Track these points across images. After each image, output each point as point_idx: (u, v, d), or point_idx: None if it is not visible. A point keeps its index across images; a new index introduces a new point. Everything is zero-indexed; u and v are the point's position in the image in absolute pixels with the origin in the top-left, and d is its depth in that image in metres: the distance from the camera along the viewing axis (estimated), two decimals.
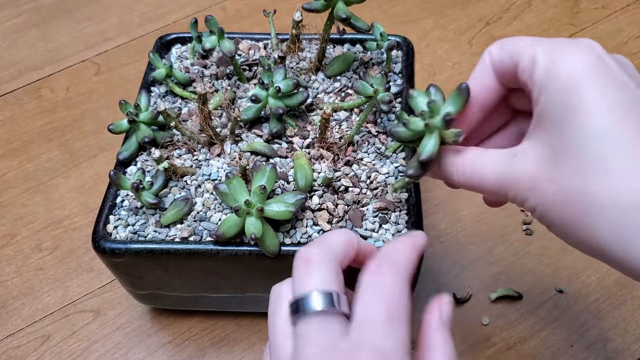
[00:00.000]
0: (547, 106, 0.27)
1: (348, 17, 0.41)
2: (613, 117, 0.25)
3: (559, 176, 0.26)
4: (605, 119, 0.25)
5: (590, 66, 0.26)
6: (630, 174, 0.24)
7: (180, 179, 0.40)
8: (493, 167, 0.29)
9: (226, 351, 0.46)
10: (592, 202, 0.25)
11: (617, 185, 0.25)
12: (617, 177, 0.25)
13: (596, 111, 0.25)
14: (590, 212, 0.25)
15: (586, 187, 0.25)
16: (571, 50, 0.27)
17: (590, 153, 0.25)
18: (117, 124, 0.41)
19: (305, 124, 0.44)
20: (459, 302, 0.48)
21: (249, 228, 0.35)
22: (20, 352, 0.46)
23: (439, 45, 0.69)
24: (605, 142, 0.25)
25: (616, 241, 0.25)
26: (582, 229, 0.26)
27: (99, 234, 0.38)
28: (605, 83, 0.26)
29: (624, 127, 0.25)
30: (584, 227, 0.26)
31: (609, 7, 0.72)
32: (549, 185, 0.27)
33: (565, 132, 0.26)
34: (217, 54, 0.49)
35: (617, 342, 0.45)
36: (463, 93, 0.30)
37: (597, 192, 0.25)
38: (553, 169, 0.27)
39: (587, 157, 0.25)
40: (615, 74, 0.26)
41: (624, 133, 0.25)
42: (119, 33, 0.72)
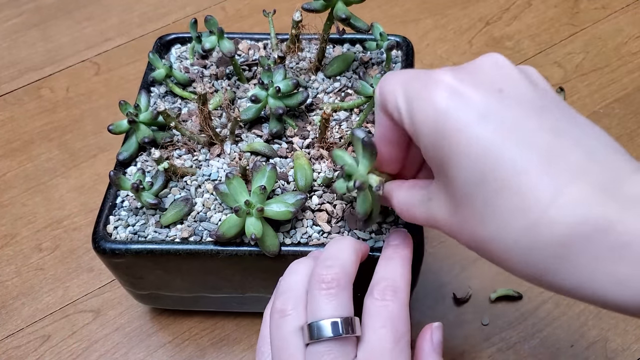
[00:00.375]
0: (427, 157, 0.27)
1: (348, 17, 0.41)
2: (484, 155, 0.23)
3: (463, 224, 0.26)
4: (477, 160, 0.24)
5: (446, 107, 0.24)
6: (518, 213, 0.23)
7: (180, 180, 0.40)
8: (418, 210, 0.29)
9: (226, 351, 0.46)
10: (497, 246, 0.24)
11: (510, 229, 0.23)
12: (506, 221, 0.23)
13: (467, 155, 0.24)
14: (501, 254, 0.25)
15: (487, 233, 0.24)
16: (425, 95, 0.25)
17: (477, 199, 0.24)
18: (117, 125, 0.41)
19: (305, 124, 0.44)
20: (459, 302, 0.48)
21: (249, 228, 0.35)
22: (20, 352, 0.46)
23: (439, 45, 0.69)
24: (484, 185, 0.24)
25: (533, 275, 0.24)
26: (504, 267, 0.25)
27: (99, 234, 0.38)
28: (466, 119, 0.24)
29: (498, 162, 0.23)
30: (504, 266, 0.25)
31: (609, 7, 0.72)
32: (460, 232, 0.27)
33: (450, 180, 0.25)
34: (216, 54, 0.49)
35: (617, 342, 0.45)
36: (367, 147, 0.30)
37: (497, 236, 0.24)
38: (457, 217, 0.26)
39: (475, 203, 0.24)
40: (474, 101, 0.24)
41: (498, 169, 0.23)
42: (119, 33, 0.72)
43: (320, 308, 0.28)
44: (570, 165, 0.22)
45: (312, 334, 0.28)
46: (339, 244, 0.32)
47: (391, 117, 0.29)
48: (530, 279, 0.25)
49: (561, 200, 0.22)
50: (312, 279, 0.30)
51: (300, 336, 0.29)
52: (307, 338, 0.28)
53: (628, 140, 0.58)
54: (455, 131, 0.24)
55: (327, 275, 0.29)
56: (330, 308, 0.28)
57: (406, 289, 0.30)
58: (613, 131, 0.59)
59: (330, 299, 0.28)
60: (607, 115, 0.60)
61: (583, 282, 0.22)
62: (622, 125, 0.59)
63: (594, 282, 0.22)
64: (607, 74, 0.64)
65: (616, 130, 0.59)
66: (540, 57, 0.67)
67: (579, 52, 0.67)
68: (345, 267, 0.30)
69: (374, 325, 0.29)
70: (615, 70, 0.65)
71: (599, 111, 0.61)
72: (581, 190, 0.22)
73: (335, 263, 0.30)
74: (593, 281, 0.22)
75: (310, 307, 0.29)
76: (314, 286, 0.29)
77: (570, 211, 0.22)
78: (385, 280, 0.30)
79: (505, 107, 0.24)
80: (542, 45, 0.68)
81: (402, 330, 0.29)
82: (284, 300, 0.30)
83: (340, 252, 0.31)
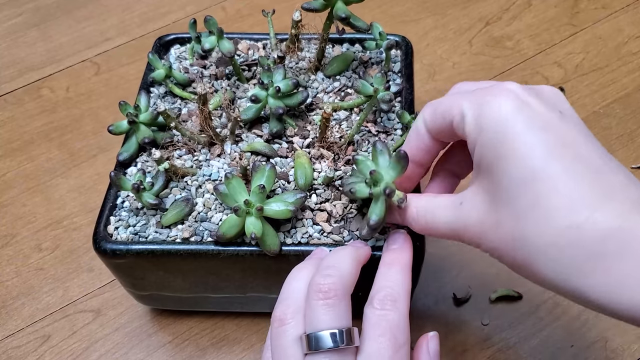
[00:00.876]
0: (481, 156, 0.28)
1: (347, 16, 0.41)
2: (538, 160, 0.26)
3: (499, 222, 0.27)
4: (532, 162, 0.26)
5: (512, 112, 0.27)
6: (559, 212, 0.25)
7: (180, 180, 0.40)
8: (444, 215, 0.31)
9: (226, 351, 0.46)
10: (531, 246, 0.26)
11: (550, 226, 0.25)
12: (548, 218, 0.25)
13: (523, 156, 0.26)
14: (531, 255, 0.26)
15: (524, 231, 0.26)
16: (493, 100, 0.28)
17: (523, 198, 0.26)
18: (116, 125, 0.41)
19: (305, 124, 0.44)
20: (459, 302, 0.48)
21: (249, 228, 0.35)
22: (20, 352, 0.46)
23: (439, 45, 0.69)
24: (534, 185, 0.26)
25: (561, 278, 0.25)
26: (530, 270, 0.27)
27: (99, 235, 0.38)
28: (529, 125, 0.27)
29: (550, 168, 0.26)
30: (531, 268, 0.27)
31: (609, 7, 0.72)
32: (493, 231, 0.28)
33: (498, 179, 0.27)
34: (216, 54, 0.49)
35: (617, 342, 0.45)
36: (402, 160, 0.32)
37: (534, 235, 0.26)
38: (494, 215, 0.28)
39: (520, 202, 0.26)
40: (539, 112, 0.27)
41: (549, 174, 0.26)
42: (119, 33, 0.72)
43: (318, 318, 0.29)
44: (614, 184, 0.26)
45: (311, 344, 0.28)
46: (339, 253, 0.32)
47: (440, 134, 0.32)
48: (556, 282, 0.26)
49: (605, 207, 0.25)
50: (310, 288, 0.30)
51: (299, 345, 0.29)
52: (306, 348, 0.28)
53: (628, 140, 0.58)
54: (517, 134, 0.27)
55: (325, 285, 0.29)
56: (329, 319, 0.28)
57: (406, 298, 0.31)
58: (613, 131, 0.59)
59: (328, 310, 0.29)
60: (607, 115, 0.60)
61: (611, 285, 0.24)
62: (622, 125, 0.59)
63: (623, 285, 0.24)
64: (607, 74, 0.64)
65: (616, 130, 0.59)
66: (540, 57, 0.67)
67: (579, 52, 0.67)
68: (344, 277, 0.30)
69: (373, 335, 0.29)
70: (615, 70, 0.65)
71: (599, 111, 0.61)
72: (623, 203, 0.25)
73: (334, 272, 0.30)
74: (622, 284, 0.24)
75: (308, 317, 0.29)
76: (312, 296, 0.29)
77: (612, 217, 0.24)
78: (385, 289, 0.31)
79: (564, 125, 0.27)
80: (542, 45, 0.68)
81: (401, 340, 0.29)
82: (284, 309, 0.31)
83: (339, 262, 0.31)
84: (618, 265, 0.24)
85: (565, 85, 0.63)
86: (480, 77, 0.65)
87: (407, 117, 0.41)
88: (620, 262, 0.24)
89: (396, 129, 0.43)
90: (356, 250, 0.33)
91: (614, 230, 0.24)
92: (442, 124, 0.31)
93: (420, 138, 0.33)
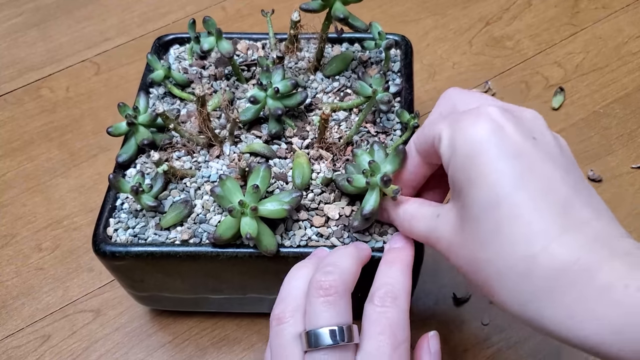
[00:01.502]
0: (453, 178, 0.29)
1: (346, 16, 0.41)
2: (507, 186, 0.26)
3: (464, 243, 0.28)
4: (499, 189, 0.26)
5: (486, 137, 0.27)
6: (520, 241, 0.25)
7: (179, 181, 0.41)
8: (422, 223, 0.32)
9: (226, 351, 0.46)
10: (491, 270, 0.26)
11: (510, 254, 0.26)
12: (509, 245, 0.26)
13: (491, 182, 0.26)
14: (491, 280, 0.27)
15: (485, 255, 0.27)
16: (469, 123, 0.28)
17: (487, 222, 0.26)
18: (115, 127, 0.41)
19: (304, 124, 0.44)
20: (459, 302, 0.48)
21: (244, 228, 0.35)
22: (20, 352, 0.47)
23: (439, 45, 0.69)
24: (499, 211, 0.26)
25: (518, 307, 0.26)
26: (490, 294, 0.27)
27: (99, 236, 0.38)
28: (500, 151, 0.27)
29: (515, 196, 0.26)
30: (491, 292, 0.27)
31: (609, 7, 0.71)
32: (459, 250, 0.29)
33: (467, 202, 0.28)
34: (215, 55, 0.49)
35: None
36: (400, 154, 0.34)
37: (494, 261, 0.26)
38: (460, 235, 0.28)
39: (484, 226, 0.27)
40: (512, 139, 0.27)
41: (516, 201, 0.26)
42: (119, 33, 0.72)
43: (318, 315, 0.29)
44: (579, 216, 0.26)
45: (311, 341, 0.28)
46: (340, 252, 0.32)
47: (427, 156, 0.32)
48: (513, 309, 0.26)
49: (564, 239, 0.25)
50: (310, 285, 0.30)
51: (298, 343, 0.29)
52: (305, 346, 0.28)
53: (628, 140, 0.58)
54: (487, 159, 0.27)
55: (326, 282, 0.29)
56: (329, 316, 0.29)
57: (406, 295, 0.31)
58: (613, 131, 0.59)
59: (328, 307, 0.29)
60: (607, 115, 0.60)
61: (564, 317, 0.24)
62: (622, 125, 0.59)
63: (574, 317, 0.24)
64: (607, 74, 0.64)
65: (616, 130, 0.59)
66: (540, 57, 0.66)
67: (579, 52, 0.67)
68: (344, 275, 0.30)
69: (373, 332, 0.29)
70: (615, 70, 0.65)
71: (599, 111, 0.61)
72: (584, 237, 0.25)
73: (334, 270, 0.30)
74: (573, 317, 0.24)
75: (308, 314, 0.29)
76: (312, 292, 0.29)
77: (569, 250, 0.24)
78: (386, 286, 0.31)
79: (537, 154, 0.27)
80: (542, 45, 0.68)
81: (401, 337, 0.29)
82: (283, 307, 0.31)
83: (340, 260, 0.31)
84: (568, 299, 0.24)
85: (565, 85, 0.63)
86: (480, 77, 0.65)
87: (407, 116, 0.41)
88: (570, 295, 0.24)
89: (395, 130, 0.43)
90: (357, 250, 0.33)
91: (568, 264, 0.24)
92: (427, 145, 0.32)
93: (410, 160, 0.34)
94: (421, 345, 0.32)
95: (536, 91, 0.63)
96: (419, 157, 0.33)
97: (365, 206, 0.34)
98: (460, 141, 0.28)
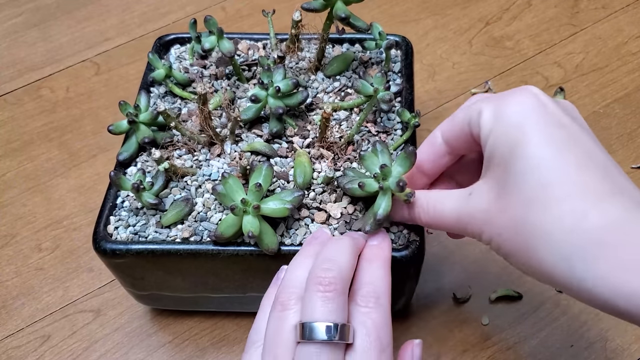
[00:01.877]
0: (494, 146, 0.30)
1: (347, 16, 0.41)
2: (551, 149, 0.27)
3: (506, 207, 0.28)
4: (544, 151, 0.27)
5: (531, 108, 0.29)
6: (569, 199, 0.26)
7: (180, 180, 0.40)
8: (452, 205, 0.32)
9: (226, 351, 0.46)
10: (536, 228, 0.27)
11: (558, 210, 0.26)
12: (557, 202, 0.26)
13: (536, 145, 0.28)
14: (535, 238, 0.27)
15: (530, 214, 0.27)
16: (514, 96, 0.30)
17: (532, 182, 0.27)
18: (116, 125, 0.41)
19: (305, 124, 0.44)
20: (459, 302, 0.48)
21: (246, 226, 0.35)
22: (20, 352, 0.46)
23: (439, 45, 0.69)
24: (544, 171, 0.27)
25: (561, 264, 0.26)
26: (531, 255, 0.28)
27: (99, 234, 0.38)
28: (544, 122, 0.28)
29: (562, 158, 0.27)
30: (532, 253, 0.27)
31: (609, 7, 0.72)
32: (499, 216, 0.29)
33: (510, 165, 0.28)
34: (216, 54, 0.49)
35: (617, 342, 0.45)
36: (411, 156, 0.34)
37: (539, 218, 0.27)
38: (501, 201, 0.29)
39: (529, 186, 0.27)
40: (555, 114, 0.29)
41: (561, 163, 0.27)
42: (119, 33, 0.72)
43: (315, 309, 0.29)
44: (620, 182, 0.27)
45: (304, 333, 0.28)
46: (338, 245, 0.32)
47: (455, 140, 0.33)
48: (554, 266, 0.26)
49: (612, 200, 0.26)
50: (309, 279, 0.30)
51: (294, 333, 0.29)
52: (299, 336, 0.29)
53: (628, 140, 0.58)
54: (534, 126, 0.28)
55: (325, 278, 0.29)
56: (326, 311, 0.29)
57: (387, 294, 0.31)
58: (613, 131, 0.59)
59: (326, 302, 0.29)
60: (607, 115, 0.60)
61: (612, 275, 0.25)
62: (622, 125, 0.59)
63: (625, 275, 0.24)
64: (607, 74, 0.64)
65: (616, 130, 0.59)
66: (540, 57, 0.67)
67: (579, 52, 0.67)
68: (343, 271, 0.30)
69: (360, 334, 0.29)
70: (615, 70, 0.65)
71: (599, 111, 0.61)
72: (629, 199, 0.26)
73: (333, 266, 0.30)
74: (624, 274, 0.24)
75: (305, 306, 0.29)
76: (311, 287, 0.30)
77: (618, 210, 0.26)
78: (367, 285, 0.31)
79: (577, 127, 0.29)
80: (542, 45, 0.68)
81: (385, 340, 0.30)
82: (288, 294, 0.31)
83: (339, 254, 0.31)
84: (620, 254, 0.25)
85: (565, 85, 0.63)
86: (480, 77, 0.65)
87: (407, 115, 0.41)
88: (622, 251, 0.24)
89: (396, 129, 0.43)
90: (354, 241, 0.34)
91: (619, 221, 0.25)
92: (460, 130, 0.33)
93: (433, 148, 0.35)
94: (405, 350, 0.33)
95: None
96: (444, 146, 0.34)
97: (379, 211, 0.34)
98: (507, 111, 0.29)
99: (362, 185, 0.34)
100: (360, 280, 0.32)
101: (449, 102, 0.63)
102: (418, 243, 0.37)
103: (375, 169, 0.34)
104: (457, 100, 0.63)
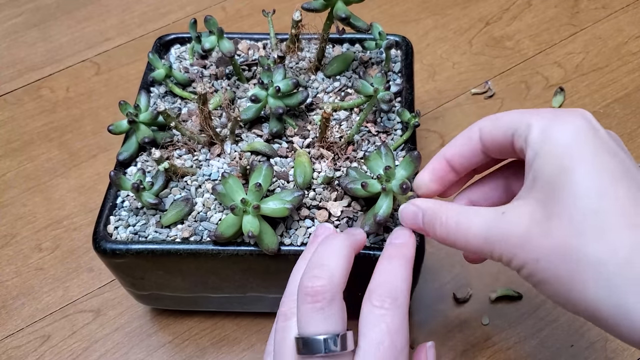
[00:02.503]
0: (541, 167, 0.28)
1: (347, 16, 0.41)
2: (605, 178, 0.26)
3: (551, 231, 0.26)
4: (598, 179, 0.26)
5: (583, 132, 0.28)
6: (624, 229, 0.25)
7: (180, 180, 0.40)
8: (480, 223, 0.29)
9: (226, 351, 0.46)
10: (587, 257, 0.25)
11: (612, 240, 0.25)
12: (611, 232, 0.25)
13: (589, 171, 0.26)
14: (581, 268, 0.25)
15: (580, 242, 0.25)
16: (566, 117, 0.29)
17: (585, 210, 0.26)
18: (116, 125, 0.41)
19: (305, 124, 0.44)
20: (459, 302, 0.48)
21: (246, 226, 0.35)
22: (20, 352, 0.46)
23: (439, 45, 0.69)
24: (598, 199, 0.26)
25: (609, 297, 0.25)
26: (574, 286, 0.26)
27: (99, 234, 0.38)
28: (597, 148, 0.27)
29: (614, 188, 0.26)
30: (576, 284, 0.26)
31: (609, 7, 0.72)
32: (540, 241, 0.27)
33: (559, 190, 0.27)
34: (216, 54, 0.49)
35: (617, 342, 0.45)
36: (415, 160, 0.34)
37: (591, 247, 0.25)
38: (545, 225, 0.27)
39: (581, 214, 0.26)
40: (606, 141, 0.28)
41: (614, 193, 0.26)
42: (119, 33, 0.72)
43: (308, 322, 0.28)
44: None
45: (302, 348, 0.28)
46: (329, 246, 0.31)
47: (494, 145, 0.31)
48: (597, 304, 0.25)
49: None
50: (298, 289, 0.29)
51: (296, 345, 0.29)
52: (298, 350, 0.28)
53: (628, 140, 0.58)
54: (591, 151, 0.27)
55: (313, 287, 0.28)
56: (320, 324, 0.27)
57: (407, 295, 0.29)
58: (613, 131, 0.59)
59: (317, 314, 0.28)
60: (607, 115, 0.60)
61: None
62: (622, 125, 0.59)
63: None
64: (607, 74, 0.64)
65: (616, 130, 0.59)
66: (540, 57, 0.67)
67: (579, 52, 0.67)
68: (334, 277, 0.29)
69: (371, 339, 0.28)
70: (615, 70, 0.65)
71: (599, 111, 0.61)
72: None
73: (322, 273, 0.29)
74: None
75: (298, 319, 0.28)
76: (300, 298, 0.28)
77: None
78: (385, 284, 0.29)
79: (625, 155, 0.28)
80: (542, 45, 0.68)
81: (400, 345, 0.28)
82: (290, 305, 0.30)
83: (328, 258, 0.30)
84: None
85: (565, 85, 0.63)
86: (480, 77, 0.65)
87: (407, 115, 0.41)
88: None
89: (396, 129, 0.43)
90: (349, 239, 0.32)
91: None
92: (502, 136, 0.31)
93: (469, 144, 0.32)
94: (419, 356, 0.32)
95: (536, 91, 0.63)
96: (480, 145, 0.32)
97: (379, 212, 0.34)
98: (559, 132, 0.28)
99: (365, 185, 0.34)
100: (377, 278, 0.30)
101: (449, 102, 0.63)
102: (418, 242, 0.37)
103: (379, 170, 0.34)
104: (457, 100, 0.63)
